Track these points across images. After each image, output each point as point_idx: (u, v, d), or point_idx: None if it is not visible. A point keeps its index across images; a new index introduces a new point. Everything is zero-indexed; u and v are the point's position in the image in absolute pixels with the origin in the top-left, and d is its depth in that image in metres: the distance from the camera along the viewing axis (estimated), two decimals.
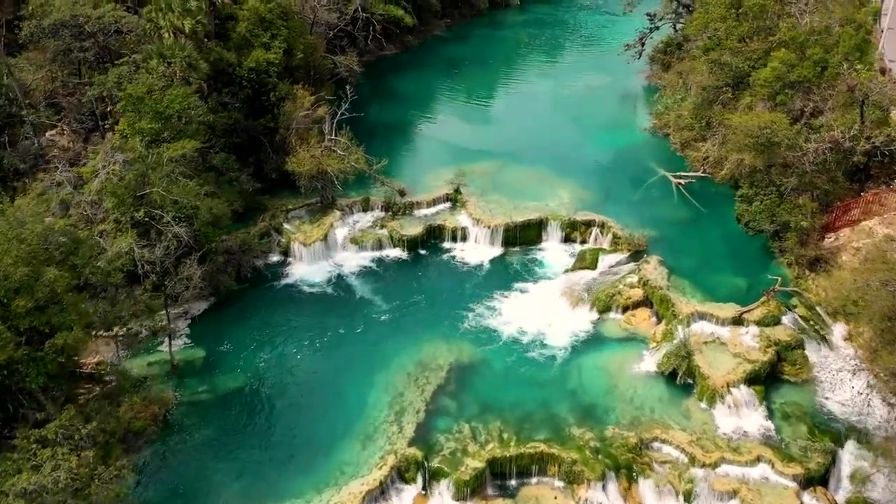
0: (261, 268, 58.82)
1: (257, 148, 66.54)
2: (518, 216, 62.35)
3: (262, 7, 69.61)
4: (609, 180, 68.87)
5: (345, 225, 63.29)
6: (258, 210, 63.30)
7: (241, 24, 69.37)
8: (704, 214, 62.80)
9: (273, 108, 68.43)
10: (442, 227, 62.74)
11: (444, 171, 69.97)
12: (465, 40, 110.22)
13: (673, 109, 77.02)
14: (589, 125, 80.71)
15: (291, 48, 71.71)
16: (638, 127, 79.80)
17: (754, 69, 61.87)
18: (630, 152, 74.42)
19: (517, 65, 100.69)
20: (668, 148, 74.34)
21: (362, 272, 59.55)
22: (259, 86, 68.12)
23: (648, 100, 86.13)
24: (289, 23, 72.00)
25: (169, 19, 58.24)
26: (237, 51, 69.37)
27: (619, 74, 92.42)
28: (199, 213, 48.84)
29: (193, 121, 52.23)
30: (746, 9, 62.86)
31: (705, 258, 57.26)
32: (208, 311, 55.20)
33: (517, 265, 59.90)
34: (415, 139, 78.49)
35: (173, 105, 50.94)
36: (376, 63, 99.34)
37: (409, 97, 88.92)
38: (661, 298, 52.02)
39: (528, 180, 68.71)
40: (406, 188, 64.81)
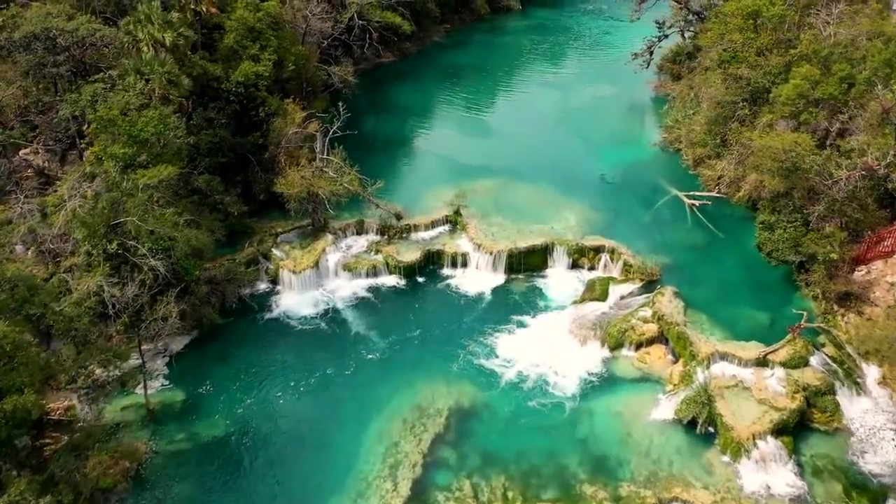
0: (247, 298, 54.56)
1: (245, 167, 62.29)
2: (522, 241, 58.09)
3: (250, 17, 65.40)
4: (618, 200, 64.61)
5: (337, 250, 59.07)
6: (245, 234, 59.05)
7: (229, 35, 65.18)
8: (721, 239, 58.51)
9: (262, 124, 64.25)
10: (441, 252, 58.51)
11: (443, 190, 65.84)
12: (464, 47, 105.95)
13: (684, 123, 72.76)
14: (595, 139, 76.47)
15: (282, 60, 67.50)
16: (647, 141, 75.55)
17: (774, 84, 57.62)
18: (639, 169, 70.16)
19: (519, 73, 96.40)
20: (679, 165, 70.07)
21: (355, 302, 55.30)
22: (247, 100, 63.93)
23: (657, 112, 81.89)
24: (279, 33, 67.80)
25: (148, 32, 53.93)
26: (224, 63, 65.23)
27: (625, 84, 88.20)
28: (177, 246, 44.48)
29: (172, 144, 47.83)
30: (765, 19, 58.56)
31: (724, 289, 52.99)
32: (190, 347, 50.98)
33: (521, 295, 55.63)
34: (412, 155, 74.26)
35: (148, 128, 46.65)
36: (373, 71, 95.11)
37: (407, 108, 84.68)
38: (678, 336, 47.80)
39: (532, 200, 64.46)
40: (402, 211, 60.50)
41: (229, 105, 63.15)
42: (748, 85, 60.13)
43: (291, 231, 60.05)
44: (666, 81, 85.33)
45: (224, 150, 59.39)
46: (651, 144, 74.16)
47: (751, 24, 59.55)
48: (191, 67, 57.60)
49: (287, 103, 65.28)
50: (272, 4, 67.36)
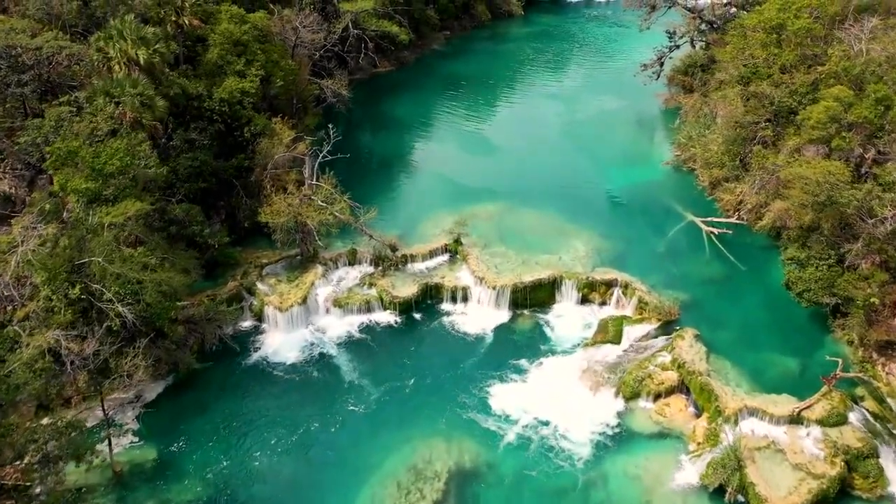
0: (228, 338, 49.54)
1: (229, 191, 57.43)
2: (527, 274, 53.24)
3: (235, 30, 60.54)
4: (630, 227, 59.76)
5: (328, 283, 54.24)
6: (229, 265, 54.15)
7: (213, 49, 60.32)
8: (742, 272, 53.78)
9: (248, 144, 59.46)
10: (440, 285, 53.67)
11: (442, 215, 61.05)
12: (464, 55, 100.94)
13: (698, 141, 67.83)
14: (603, 157, 71.61)
15: (270, 75, 62.59)
16: (658, 159, 70.66)
17: (801, 105, 52.78)
18: (651, 191, 65.28)
19: (521, 83, 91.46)
20: (694, 186, 65.15)
21: (346, 342, 50.45)
22: (232, 119, 59.13)
23: (668, 126, 77.01)
24: (267, 46, 62.91)
25: (120, 49, 49.05)
26: (208, 79, 60.41)
27: (633, 96, 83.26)
28: (146, 291, 39.64)
29: (141, 176, 42.91)
30: (791, 34, 53.66)
31: (748, 331, 48.18)
32: (164, 395, 46.14)
33: (527, 334, 50.81)
34: (409, 175, 69.27)
35: (114, 160, 41.70)
36: (369, 82, 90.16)
37: (404, 123, 79.76)
38: (701, 387, 42.96)
39: (537, 227, 59.64)
40: (397, 242, 55.56)
41: (212, 125, 58.34)
42: (771, 104, 55.25)
43: (279, 262, 55.18)
44: (676, 94, 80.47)
45: (205, 174, 54.50)
46: (663, 163, 69.27)
47: (774, 38, 54.61)
48: (168, 86, 52.72)
49: (275, 122, 60.40)
50: (259, 16, 62.55)
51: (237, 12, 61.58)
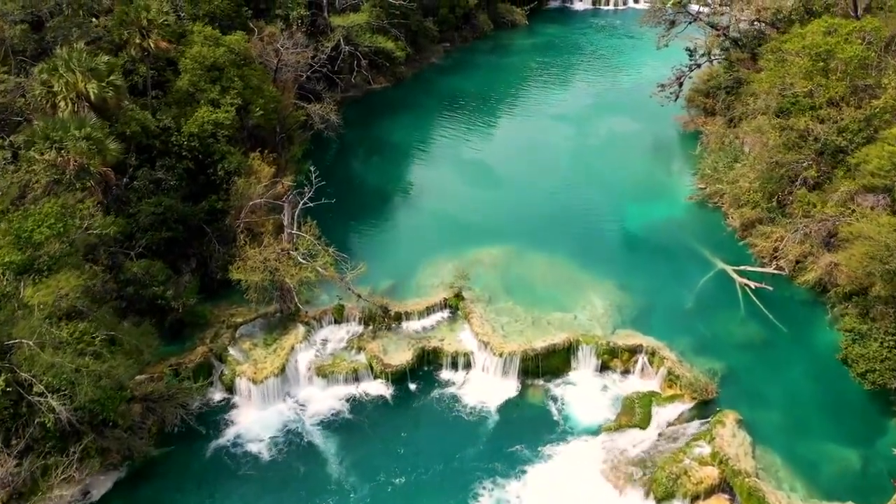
0: (193, 419, 42.20)
1: (200, 237, 50.19)
2: (538, 337, 46.13)
3: (209, 53, 53.25)
4: (652, 276, 52.53)
5: (310, 346, 47.07)
6: (197, 326, 46.99)
7: (184, 76, 53.06)
8: (784, 335, 46.69)
9: (222, 183, 52.26)
10: (439, 350, 46.56)
11: (440, 261, 53.94)
12: (465, 70, 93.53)
13: (724, 174, 60.64)
14: (619, 189, 64.36)
15: (248, 103, 55.37)
16: (680, 193, 63.40)
17: (852, 144, 45.58)
18: (674, 231, 58.04)
19: (526, 103, 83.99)
20: (722, 227, 57.89)
21: (331, 421, 43.31)
22: (204, 155, 51.98)
23: (688, 153, 69.71)
24: (245, 70, 55.62)
25: (67, 82, 41.78)
26: (178, 108, 53.32)
27: (648, 117, 75.90)
28: (81, 386, 32.45)
29: (81, 241, 35.61)
30: (841, 62, 46.42)
31: (797, 412, 41.10)
32: (116, 491, 39.09)
33: (538, 411, 43.66)
34: (404, 212, 61.87)
35: (43, 228, 34.42)
36: (363, 101, 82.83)
37: (399, 149, 72.49)
38: (750, 492, 35.82)
39: (548, 276, 52.52)
40: (389, 303, 48.27)
41: (181, 162, 51.22)
42: (815, 141, 48.03)
43: (255, 320, 48.03)
44: (696, 116, 73.12)
45: (170, 222, 47.25)
46: (686, 198, 61.95)
47: (821, 66, 47.34)
48: (125, 124, 45.49)
49: (253, 158, 53.21)
50: (236, 38, 55.28)
51: (211, 33, 54.35)
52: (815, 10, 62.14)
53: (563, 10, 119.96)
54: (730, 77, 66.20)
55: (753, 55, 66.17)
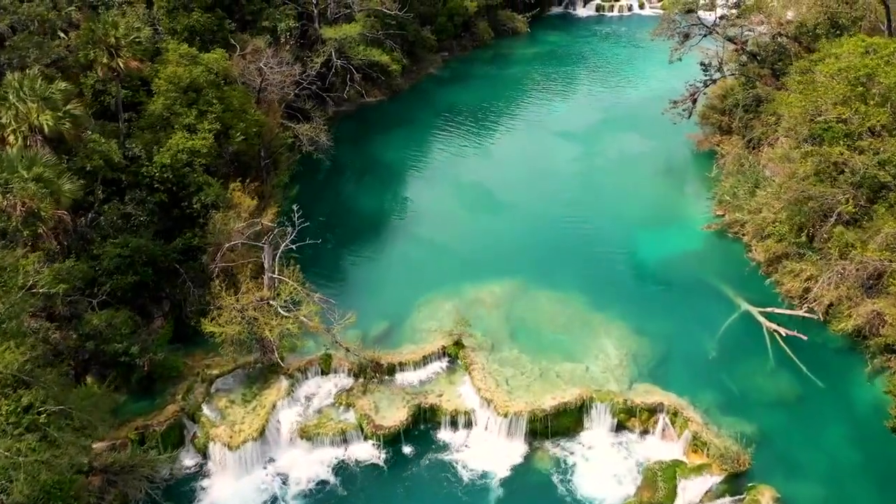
0: (161, 489, 37.31)
1: (173, 278, 45.21)
2: (547, 393, 41.27)
3: (185, 73, 48.24)
4: (670, 318, 47.64)
5: (294, 402, 42.15)
6: (169, 379, 42.06)
7: (157, 99, 48.11)
8: (820, 391, 41.83)
9: (199, 216, 47.32)
10: (436, 407, 41.63)
11: (438, 301, 49.17)
12: (464, 82, 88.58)
13: (745, 200, 55.73)
14: (630, 215, 59.43)
15: (229, 127, 50.38)
16: (696, 220, 58.46)
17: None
18: (692, 265, 53.14)
19: (529, 118, 78.96)
20: (743, 260, 52.94)
21: (315, 491, 38.42)
22: (178, 187, 47.00)
23: (703, 175, 64.72)
24: (226, 91, 50.62)
25: (18, 113, 36.78)
26: (152, 133, 48.40)
27: (660, 135, 70.97)
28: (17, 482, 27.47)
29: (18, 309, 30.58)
30: (885, 88, 41.50)
31: (841, 487, 36.21)
32: None
33: (547, 480, 38.67)
34: (398, 243, 56.79)
35: None
36: (356, 116, 77.97)
37: (393, 170, 67.61)
38: None
39: (556, 317, 47.68)
40: (381, 357, 43.24)
41: (153, 194, 46.30)
42: (852, 174, 43.14)
43: (233, 372, 43.08)
44: (711, 134, 68.12)
45: (138, 265, 42.25)
46: (703, 227, 56.98)
47: (860, 91, 42.41)
48: (87, 157, 40.51)
49: (233, 188, 48.25)
50: (215, 57, 50.30)
51: (187, 52, 49.33)
52: (841, 24, 57.30)
53: (565, 17, 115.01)
54: (748, 95, 61.13)
55: (774, 71, 61.29)
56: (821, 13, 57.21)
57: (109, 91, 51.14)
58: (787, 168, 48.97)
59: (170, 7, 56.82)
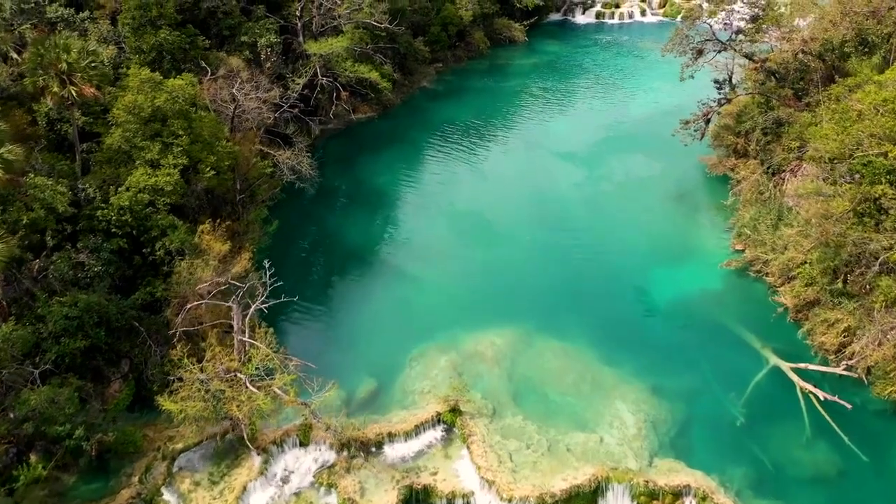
0: None
1: (133, 336, 39.73)
2: (556, 472, 36.04)
3: (146, 102, 42.69)
4: (691, 373, 42.42)
5: (268, 482, 36.73)
6: (126, 455, 36.61)
7: (115, 131, 42.57)
8: (865, 465, 36.59)
9: (164, 263, 41.85)
10: (430, 489, 36.30)
11: (432, 355, 44.00)
12: (459, 96, 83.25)
13: (766, 234, 50.55)
14: (640, 249, 54.22)
15: (198, 161, 44.86)
16: (713, 255, 53.18)
17: None
18: (710, 309, 47.87)
19: (529, 137, 73.60)
20: (768, 303, 47.66)
21: None
22: (140, 231, 41.50)
23: (718, 203, 59.45)
24: (195, 120, 45.07)
25: None
26: (111, 167, 42.99)
27: (669, 156, 65.80)
28: None
29: None
30: None
31: None
32: None
33: None
34: (386, 284, 51.09)
35: None
36: (344, 134, 72.67)
37: (382, 197, 62.28)
38: None
39: (564, 375, 42.40)
40: (366, 437, 37.69)
41: (111, 240, 40.79)
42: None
43: (198, 445, 37.61)
44: (725, 157, 62.83)
45: (89, 326, 36.79)
46: (722, 264, 51.67)
47: None
48: (24, 209, 34.94)
49: (201, 232, 42.69)
50: (182, 83, 44.67)
51: (150, 77, 43.71)
52: (871, 42, 52.12)
53: (564, 24, 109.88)
54: (768, 117, 55.84)
55: (796, 91, 56.07)
56: (848, 29, 51.95)
57: (67, 118, 45.68)
58: (819, 206, 43.65)
59: (135, 24, 51.20)
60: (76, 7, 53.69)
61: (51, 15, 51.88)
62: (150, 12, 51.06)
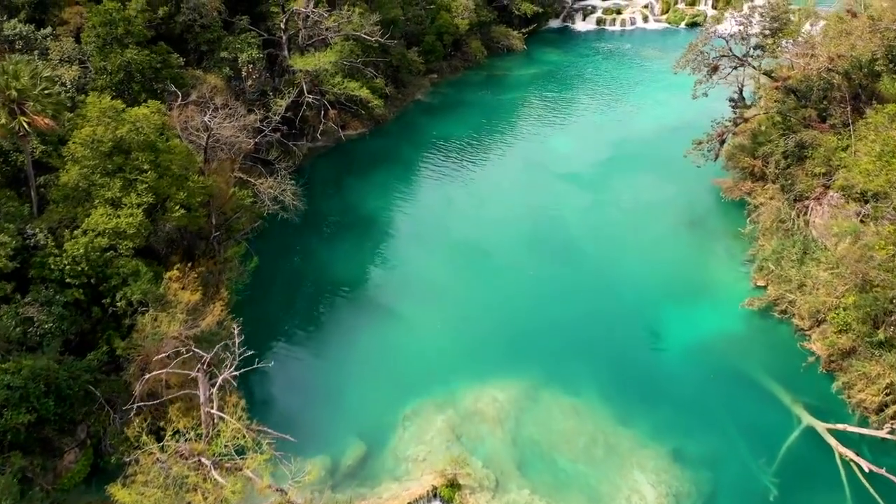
0: None
1: (88, 403, 34.99)
2: None
3: (106, 134, 37.91)
4: (714, 433, 38.05)
5: None
6: None
7: (72, 167, 37.78)
8: None
9: (126, 315, 37.11)
10: None
11: (427, 413, 39.64)
12: (454, 111, 78.52)
13: (792, 270, 46.02)
14: (653, 285, 49.65)
15: (166, 198, 40.09)
16: (732, 291, 48.64)
17: None
18: (733, 356, 43.29)
19: (529, 155, 68.89)
20: (796, 350, 43.16)
21: None
22: (99, 279, 36.73)
23: (735, 231, 54.89)
24: (161, 156, 40.23)
25: None
26: (69, 205, 38.31)
27: (680, 177, 61.21)
28: None
29: None
30: None
31: None
32: None
33: None
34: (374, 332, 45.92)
35: None
36: (334, 152, 68.02)
37: (372, 224, 57.70)
38: None
39: (574, 440, 37.98)
40: None
41: (65, 291, 35.96)
42: None
43: None
44: (741, 180, 58.15)
45: (34, 396, 32.04)
46: (743, 303, 47.07)
47: None
48: None
49: (168, 279, 37.91)
50: (147, 111, 39.87)
51: (110, 106, 38.87)
52: None
53: (563, 32, 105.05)
54: (790, 140, 51.29)
55: (820, 112, 51.56)
56: (879, 46, 47.44)
57: (21, 148, 40.87)
58: (856, 246, 39.15)
59: (100, 43, 46.37)
60: (37, 24, 48.85)
61: (8, 32, 47.08)
62: (116, 29, 46.22)
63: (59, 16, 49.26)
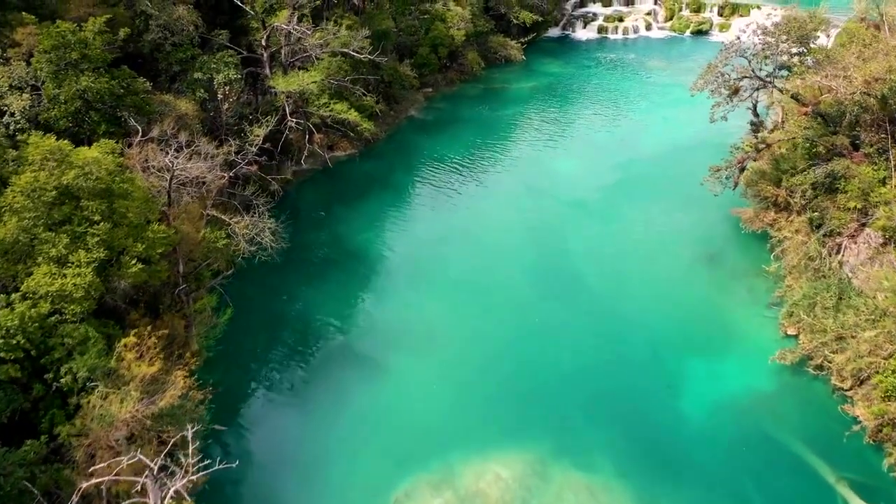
0: None
1: (26, 499, 29.73)
2: None
3: (49, 181, 32.65)
4: None
5: None
6: None
7: (10, 219, 32.56)
8: None
9: (73, 392, 31.89)
10: None
11: (421, 499, 34.42)
12: (450, 128, 73.47)
13: (828, 319, 40.96)
14: (672, 331, 44.64)
15: (122, 251, 34.81)
16: (761, 342, 43.47)
17: None
18: (764, 422, 38.25)
19: (530, 179, 63.80)
20: (836, 414, 38.09)
21: None
22: (40, 350, 31.48)
23: (758, 267, 49.76)
24: (117, 203, 34.94)
25: None
26: (7, 264, 33.02)
27: (695, 205, 56.32)
28: None
29: None
30: None
31: None
32: None
33: None
34: (362, 392, 40.42)
35: None
36: (321, 176, 63.01)
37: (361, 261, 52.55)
38: None
39: None
40: None
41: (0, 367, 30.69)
42: None
43: None
44: (763, 210, 53.07)
45: None
46: (773, 357, 41.93)
47: None
48: None
49: (122, 349, 32.66)
50: (95, 155, 34.54)
51: (55, 147, 33.56)
52: None
53: (563, 41, 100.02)
54: (821, 171, 46.24)
55: (853, 139, 46.55)
56: None
57: None
58: None
59: (53, 68, 41.02)
60: None
61: None
62: (70, 54, 40.85)
63: (11, 37, 43.84)
